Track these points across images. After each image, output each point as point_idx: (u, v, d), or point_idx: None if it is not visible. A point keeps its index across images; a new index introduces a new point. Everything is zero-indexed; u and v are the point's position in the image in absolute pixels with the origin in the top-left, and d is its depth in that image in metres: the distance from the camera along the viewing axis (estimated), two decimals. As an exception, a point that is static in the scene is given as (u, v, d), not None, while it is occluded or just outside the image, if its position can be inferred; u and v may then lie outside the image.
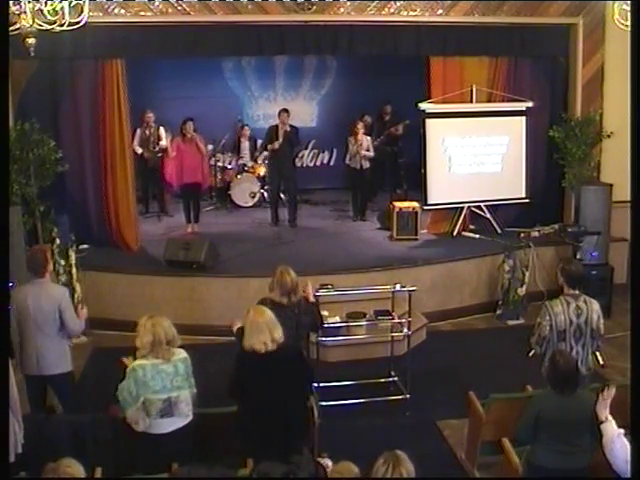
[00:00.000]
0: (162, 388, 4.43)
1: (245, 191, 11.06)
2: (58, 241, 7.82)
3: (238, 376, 4.54)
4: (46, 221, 8.19)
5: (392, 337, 6.83)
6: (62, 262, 7.74)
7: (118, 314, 7.83)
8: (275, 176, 9.99)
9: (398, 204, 9.41)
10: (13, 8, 5.10)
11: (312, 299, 5.65)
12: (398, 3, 8.47)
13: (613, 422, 4.01)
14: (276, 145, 9.61)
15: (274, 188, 10.07)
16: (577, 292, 5.10)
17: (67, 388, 5.55)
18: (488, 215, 9.47)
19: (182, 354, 4.56)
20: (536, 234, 9.18)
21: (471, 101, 9.19)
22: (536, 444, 4.29)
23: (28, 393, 5.43)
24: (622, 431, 4.00)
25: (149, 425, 4.48)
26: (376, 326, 6.97)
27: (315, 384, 5.79)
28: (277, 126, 9.67)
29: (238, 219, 10.58)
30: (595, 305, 5.10)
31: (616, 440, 3.94)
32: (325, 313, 6.77)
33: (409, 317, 6.52)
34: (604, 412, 4.01)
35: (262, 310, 4.63)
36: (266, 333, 4.44)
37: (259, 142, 11.25)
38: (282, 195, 10.23)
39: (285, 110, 9.75)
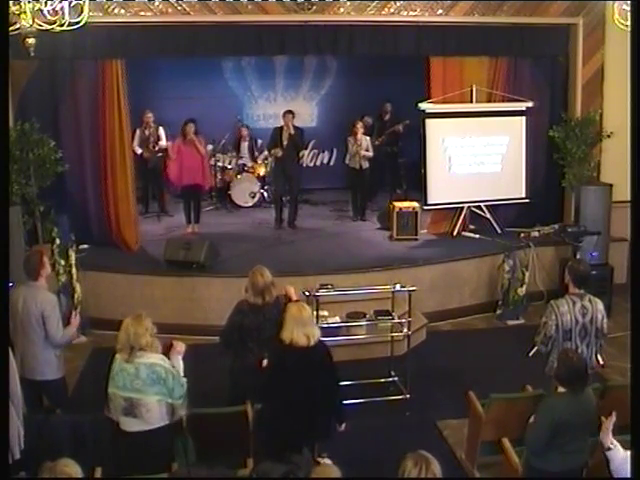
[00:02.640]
0: (123, 386, 4.40)
1: (245, 191, 11.06)
2: (58, 241, 7.82)
3: (277, 368, 4.58)
4: (46, 221, 8.20)
5: (392, 337, 6.83)
6: (62, 262, 7.74)
7: (118, 314, 7.70)
8: (280, 177, 9.90)
9: (398, 204, 9.41)
10: (13, 8, 5.10)
11: (295, 298, 5.56)
12: (398, 3, 8.47)
13: (619, 446, 3.94)
14: (279, 153, 9.55)
15: (278, 189, 9.97)
16: (582, 291, 5.10)
17: (57, 395, 5.51)
18: (488, 215, 9.47)
19: (150, 359, 4.39)
20: (536, 234, 9.18)
21: (471, 101, 9.19)
22: (551, 450, 4.22)
23: (24, 394, 5.43)
24: (628, 453, 3.91)
25: (120, 421, 4.48)
26: (376, 326, 6.95)
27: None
28: (282, 128, 9.62)
29: (238, 219, 10.58)
30: (600, 305, 5.11)
31: (625, 463, 3.86)
32: (325, 313, 6.79)
33: (409, 317, 6.53)
34: (608, 439, 3.95)
35: (302, 307, 4.68)
36: (308, 327, 4.52)
37: (259, 142, 11.25)
38: (284, 195, 10.21)
39: (290, 112, 9.69)
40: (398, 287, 6.57)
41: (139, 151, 10.21)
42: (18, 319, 5.26)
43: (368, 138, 10.26)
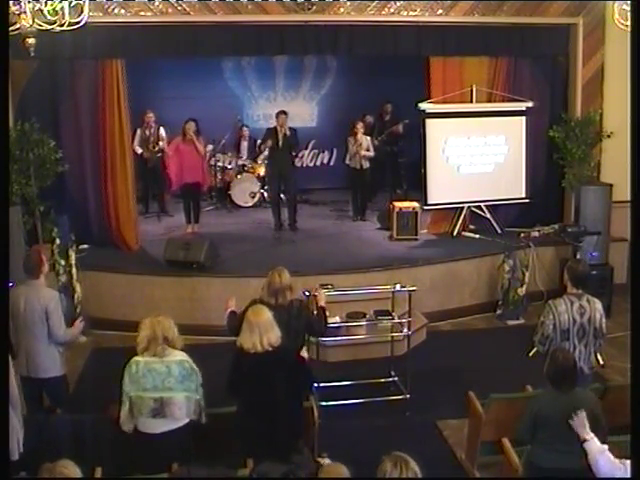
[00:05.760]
0: (153, 387, 4.39)
1: (245, 191, 11.06)
2: (58, 241, 7.82)
3: (234, 372, 4.55)
4: (46, 221, 8.20)
5: (392, 337, 6.83)
6: (62, 262, 7.74)
7: (118, 314, 7.83)
8: (275, 178, 9.88)
9: (398, 204, 9.41)
10: (13, 8, 5.09)
11: (321, 304, 5.56)
12: (398, 3, 8.46)
13: (595, 439, 4.02)
14: (269, 143, 9.50)
15: (274, 191, 9.95)
16: (580, 291, 5.10)
17: (58, 392, 5.51)
18: (488, 215, 9.47)
19: (180, 357, 4.49)
20: (536, 234, 9.17)
21: (471, 101, 9.19)
22: (536, 444, 4.29)
23: (24, 394, 5.43)
24: (606, 447, 4.00)
25: (141, 424, 4.48)
26: (376, 326, 6.96)
27: (315, 384, 5.78)
28: (275, 128, 9.55)
29: (238, 219, 10.58)
30: (598, 304, 5.11)
31: (599, 457, 3.96)
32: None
33: (409, 317, 6.52)
34: (583, 432, 4.04)
35: (259, 310, 4.60)
36: (256, 334, 4.42)
37: (259, 142, 11.25)
38: (282, 196, 10.20)
39: (283, 112, 9.61)
40: (398, 287, 6.56)
41: (139, 151, 10.22)
42: (21, 318, 5.26)
43: (369, 138, 10.26)
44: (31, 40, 5.42)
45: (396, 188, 11.01)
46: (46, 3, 5.18)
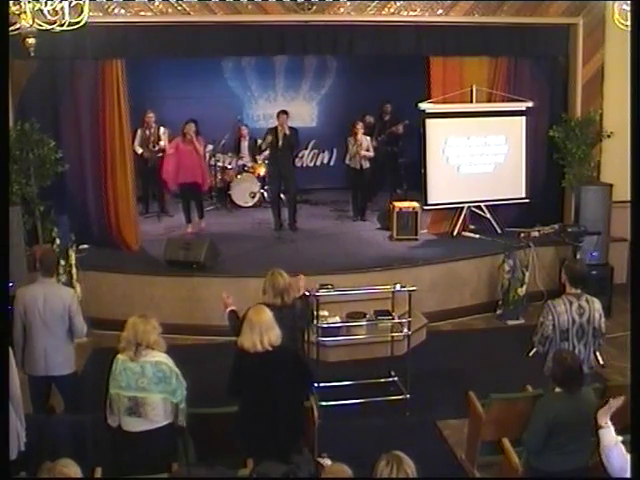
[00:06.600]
0: (127, 385, 4.41)
1: (245, 191, 11.06)
2: (58, 241, 7.82)
3: (235, 373, 4.55)
4: (46, 221, 8.20)
5: (392, 337, 6.83)
6: (62, 262, 7.73)
7: (118, 314, 7.77)
8: (275, 178, 9.89)
9: (398, 204, 9.41)
10: (13, 8, 5.10)
11: (302, 292, 5.63)
12: (398, 3, 8.47)
13: (612, 429, 3.97)
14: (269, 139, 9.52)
15: (275, 190, 9.96)
16: (579, 291, 5.10)
17: (72, 388, 5.57)
18: (488, 215, 9.47)
19: (156, 358, 4.43)
20: (536, 234, 9.15)
21: (471, 101, 9.19)
22: (546, 449, 4.25)
23: (31, 393, 5.43)
24: (620, 439, 3.96)
25: (122, 422, 4.50)
26: (376, 326, 6.96)
27: (315, 384, 5.79)
28: (276, 128, 9.55)
29: (238, 219, 10.58)
30: (597, 304, 5.11)
31: (613, 448, 3.90)
32: (325, 313, 6.80)
33: (409, 317, 6.52)
34: (604, 418, 3.97)
35: (260, 310, 4.61)
36: (256, 334, 4.43)
37: (259, 142, 11.25)
38: (282, 196, 10.19)
39: (284, 112, 9.61)
40: (398, 287, 6.56)
41: (139, 151, 10.22)
42: (38, 316, 5.29)
43: (368, 138, 10.26)
44: (31, 40, 5.42)
45: (396, 188, 11.01)
46: (46, 3, 5.18)
